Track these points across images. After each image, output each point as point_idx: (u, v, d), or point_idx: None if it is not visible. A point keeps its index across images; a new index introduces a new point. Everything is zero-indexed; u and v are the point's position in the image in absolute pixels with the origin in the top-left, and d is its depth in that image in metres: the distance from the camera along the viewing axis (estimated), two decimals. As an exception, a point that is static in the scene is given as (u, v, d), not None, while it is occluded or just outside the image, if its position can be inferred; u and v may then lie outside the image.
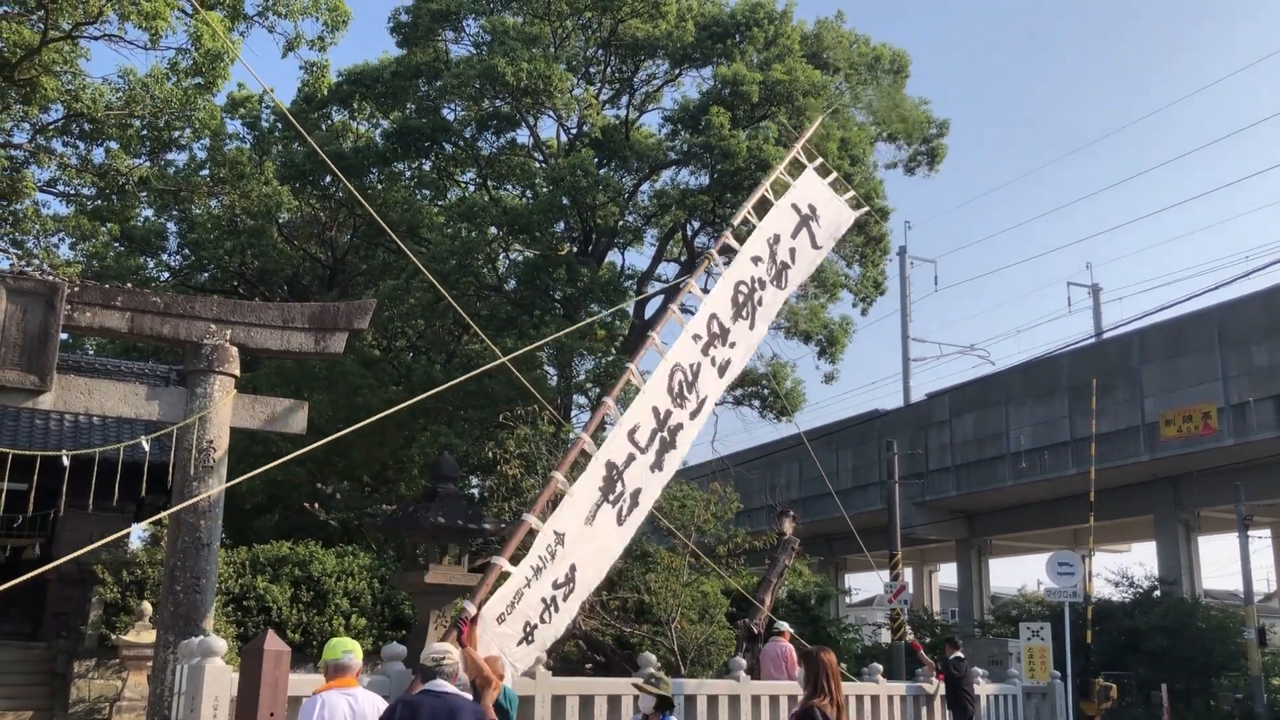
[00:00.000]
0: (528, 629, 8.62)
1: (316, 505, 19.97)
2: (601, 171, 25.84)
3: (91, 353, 29.49)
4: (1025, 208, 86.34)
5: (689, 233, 28.08)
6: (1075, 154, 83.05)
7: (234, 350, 10.73)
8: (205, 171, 26.94)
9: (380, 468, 25.11)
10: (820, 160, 12.85)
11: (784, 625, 14.33)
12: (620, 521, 9.52)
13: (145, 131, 21.98)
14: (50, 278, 10.27)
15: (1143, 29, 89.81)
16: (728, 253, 12.64)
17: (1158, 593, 28.45)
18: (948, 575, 48.26)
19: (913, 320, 45.73)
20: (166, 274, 31.96)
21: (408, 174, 30.30)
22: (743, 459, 34.61)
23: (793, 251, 11.87)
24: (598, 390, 26.52)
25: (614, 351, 26.49)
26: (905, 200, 78.60)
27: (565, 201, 25.19)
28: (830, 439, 38.74)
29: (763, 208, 11.93)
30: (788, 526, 17.12)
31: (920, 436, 36.32)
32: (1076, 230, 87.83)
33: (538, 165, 29.09)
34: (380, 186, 28.46)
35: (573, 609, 9.14)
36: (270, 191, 26.93)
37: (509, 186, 30.51)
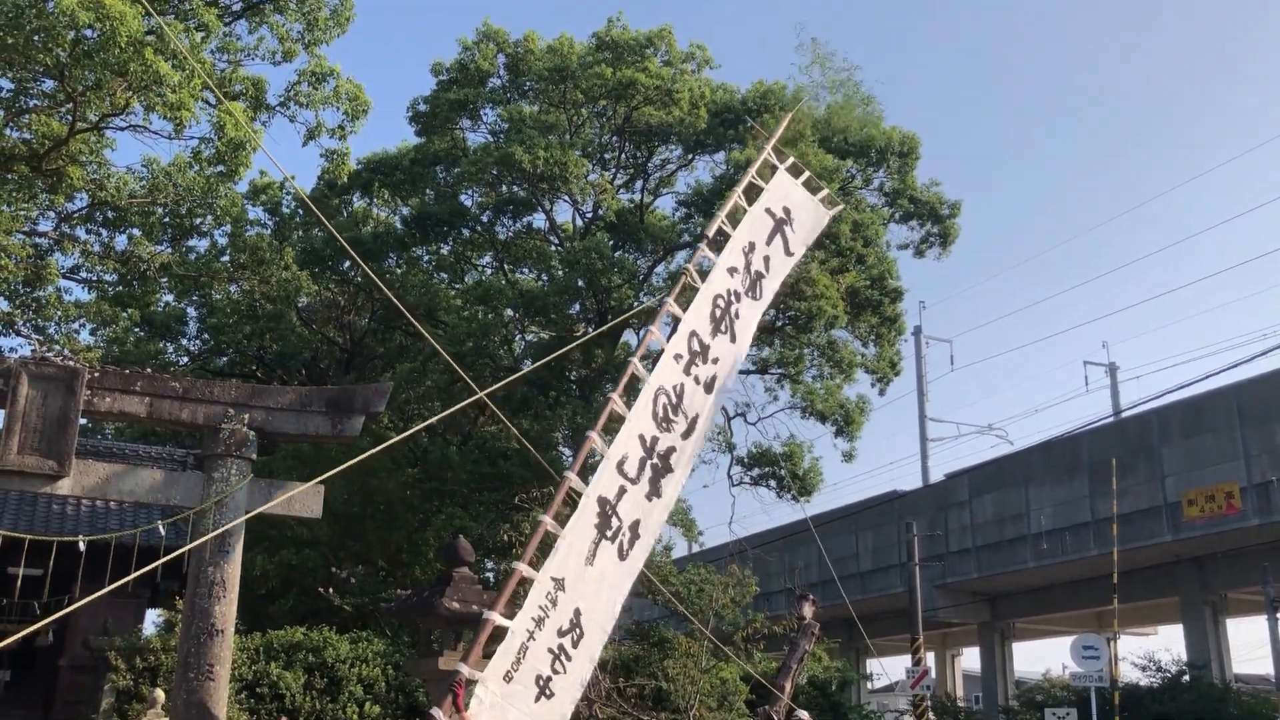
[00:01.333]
0: (541, 682, 8.38)
1: (331, 590, 19.84)
2: (616, 254, 26.09)
3: (110, 436, 29.64)
4: (1040, 287, 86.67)
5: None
6: (1089, 233, 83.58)
7: (251, 435, 10.79)
8: (226, 257, 27.31)
9: (395, 551, 24.98)
10: (792, 160, 12.52)
11: (804, 714, 14.07)
12: (623, 556, 9.30)
13: (167, 219, 22.34)
14: (71, 363, 10.38)
15: (1152, 108, 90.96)
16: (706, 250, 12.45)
17: (1186, 677, 27.83)
18: (971, 659, 47.40)
19: (930, 400, 45.67)
20: (186, 358, 32.22)
21: (426, 258, 30.64)
22: (761, 541, 34.27)
23: (766, 260, 11.60)
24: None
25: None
26: (919, 280, 79.19)
27: (581, 284, 25.40)
28: (849, 520, 38.40)
29: (734, 217, 11.66)
30: (807, 611, 16.86)
31: (940, 517, 35.96)
32: (1092, 309, 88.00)
33: (554, 248, 29.39)
34: (399, 271, 28.76)
35: (590, 654, 8.89)
36: (290, 276, 27.25)
37: (525, 269, 30.81)
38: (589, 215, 29.53)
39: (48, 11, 15.55)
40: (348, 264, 27.04)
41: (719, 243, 11.38)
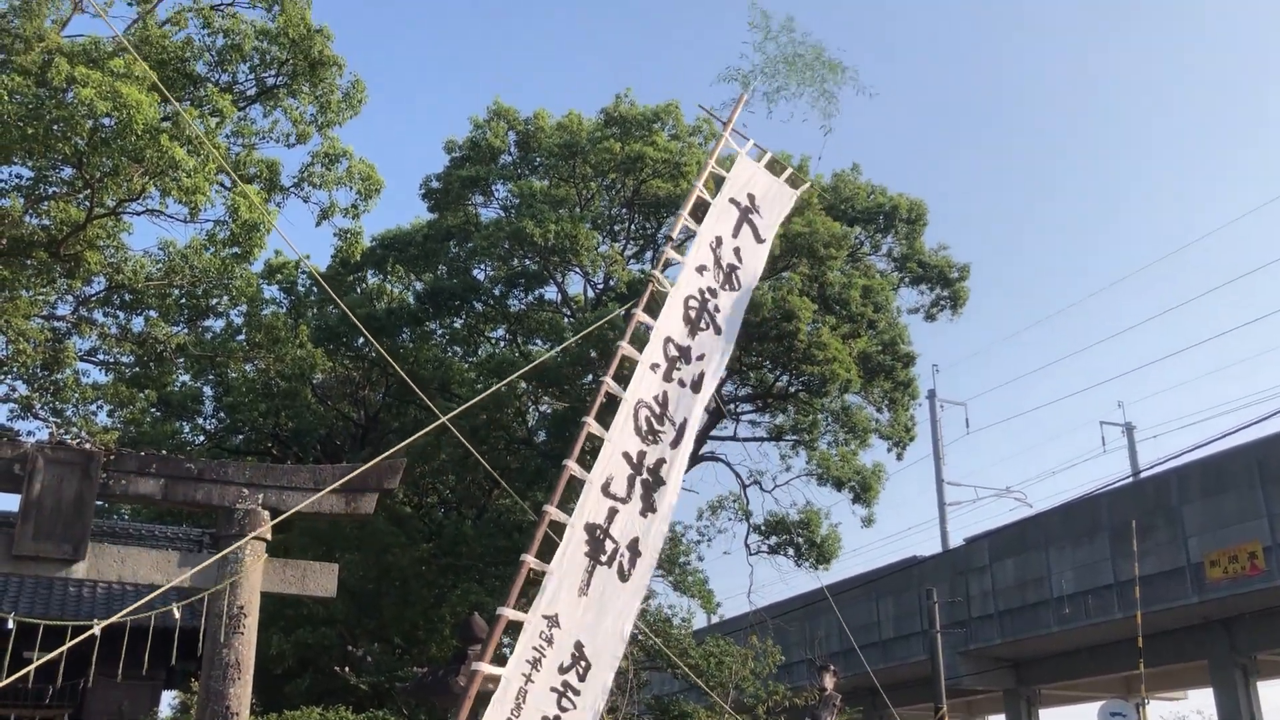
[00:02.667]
0: None
1: (347, 669, 19.69)
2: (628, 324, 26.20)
3: (126, 517, 29.66)
4: (1053, 348, 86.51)
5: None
6: (1103, 292, 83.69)
7: (266, 514, 10.82)
8: (241, 337, 27.54)
9: (411, 628, 24.81)
10: (751, 143, 12.02)
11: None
12: (625, 577, 9.00)
13: (184, 300, 22.61)
14: (87, 446, 10.47)
15: (1168, 163, 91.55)
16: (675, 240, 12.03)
17: (1219, 743, 27.29)
18: (998, 728, 46.49)
19: (946, 464, 45.42)
20: (202, 437, 32.34)
21: (439, 332, 30.84)
22: (780, 610, 33.94)
23: (737, 251, 11.21)
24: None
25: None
26: (932, 343, 79.15)
27: (594, 354, 25.52)
28: (869, 587, 38.00)
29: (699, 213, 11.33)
30: (829, 681, 16.68)
31: (961, 582, 35.57)
32: (1106, 369, 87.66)
33: (566, 320, 29.58)
34: (412, 345, 28.94)
35: (601, 682, 8.58)
36: (305, 354, 27.44)
37: (538, 341, 30.96)
38: (600, 286, 29.75)
39: (67, 102, 15.92)
40: (362, 340, 27.24)
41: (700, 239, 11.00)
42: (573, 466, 9.29)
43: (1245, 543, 27.53)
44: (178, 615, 10.17)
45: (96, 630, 9.92)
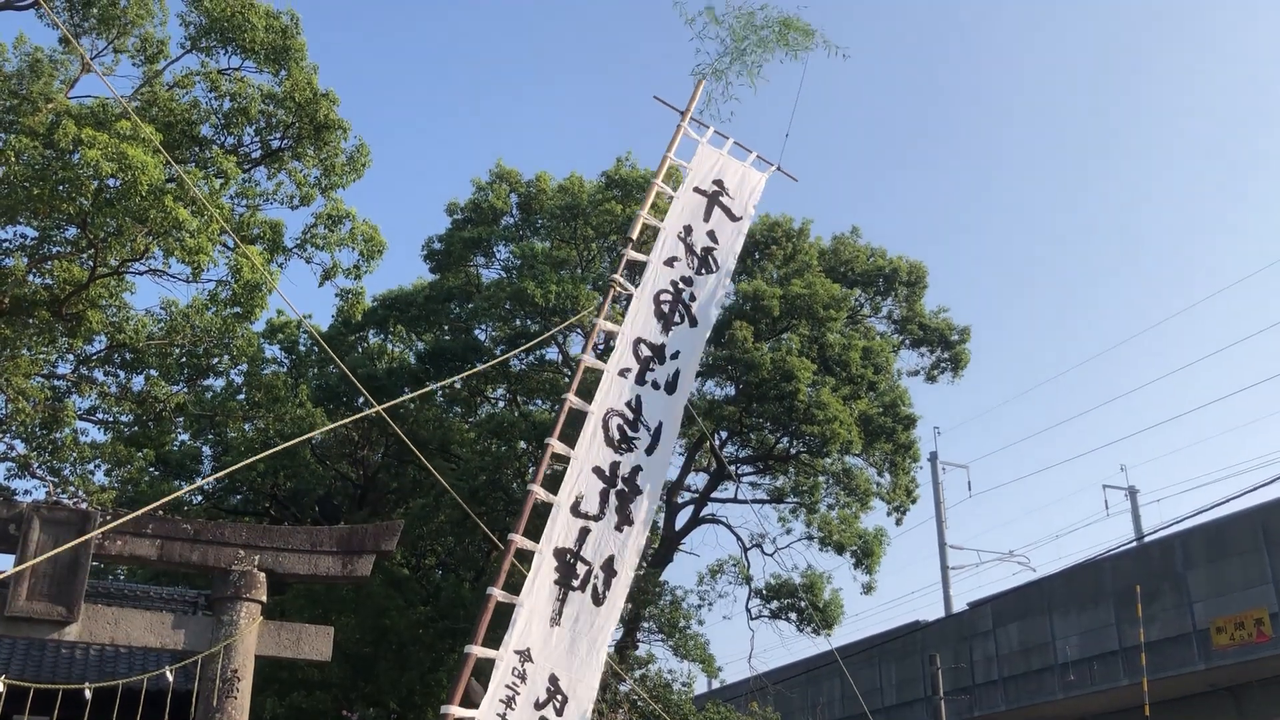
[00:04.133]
0: None
1: (342, 734, 19.40)
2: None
3: (122, 577, 29.40)
4: (1056, 410, 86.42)
5: (717, 442, 28.17)
6: (1105, 354, 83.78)
7: (261, 576, 10.73)
8: (241, 396, 27.50)
9: (407, 693, 24.46)
10: (712, 130, 11.62)
11: None
12: (600, 600, 8.78)
13: (184, 359, 22.60)
14: (83, 507, 10.41)
15: (1165, 226, 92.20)
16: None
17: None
18: (1003, 797, 45.59)
19: (949, 527, 45.06)
20: (200, 497, 32.16)
21: (440, 393, 30.82)
22: (782, 676, 33.52)
23: (712, 234, 10.84)
24: (630, 605, 26.04)
25: (644, 564, 26.15)
26: (933, 406, 79.07)
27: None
28: (872, 652, 37.56)
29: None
30: (829, 749, 16.41)
31: (964, 648, 35.17)
32: (1110, 432, 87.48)
33: (566, 380, 29.57)
34: (412, 406, 28.89)
35: (581, 712, 8.37)
36: (304, 414, 27.36)
37: (539, 401, 30.92)
38: (600, 347, 29.79)
39: (73, 163, 16.05)
40: (362, 400, 27.20)
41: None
42: (537, 490, 9.14)
43: (1251, 609, 27.26)
44: (170, 678, 10.04)
45: (88, 694, 9.81)
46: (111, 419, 24.55)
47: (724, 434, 27.70)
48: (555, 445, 9.43)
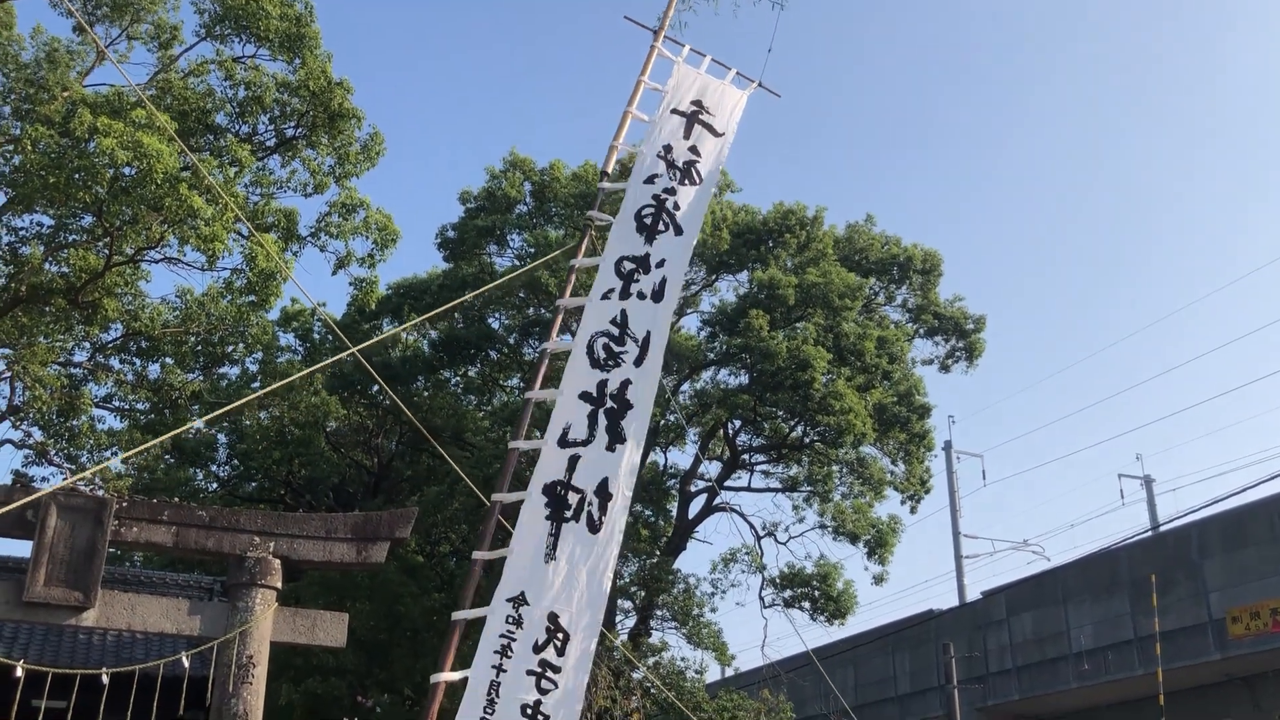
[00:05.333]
0: (529, 711, 7.75)
1: (356, 720, 19.53)
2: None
3: (138, 564, 29.62)
4: (1071, 399, 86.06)
5: (730, 431, 28.16)
6: (1122, 342, 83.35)
7: (277, 563, 10.78)
8: (256, 384, 27.63)
9: (421, 679, 24.56)
10: (688, 47, 11.06)
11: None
12: (596, 527, 8.42)
13: (200, 347, 22.73)
14: (100, 494, 10.48)
15: (1187, 212, 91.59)
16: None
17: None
18: (1017, 786, 45.58)
19: (963, 516, 44.97)
20: (215, 484, 32.34)
21: (454, 381, 30.88)
22: (795, 664, 33.58)
23: (693, 148, 10.39)
24: (643, 592, 26.09)
25: (658, 552, 26.19)
26: (948, 394, 78.82)
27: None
28: (884, 641, 37.55)
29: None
30: (842, 737, 16.42)
31: (978, 637, 35.11)
32: (1125, 421, 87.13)
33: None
34: (426, 394, 28.96)
35: (582, 656, 8.09)
36: (319, 402, 27.49)
37: (554, 389, 30.96)
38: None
39: (88, 151, 16.12)
40: (376, 388, 27.29)
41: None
42: (520, 444, 8.92)
43: (1268, 599, 27.13)
44: (186, 664, 10.11)
45: (105, 679, 9.89)
46: (128, 407, 24.72)
47: (738, 422, 27.69)
48: (537, 394, 9.28)
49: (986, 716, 35.27)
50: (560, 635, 8.01)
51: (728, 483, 28.44)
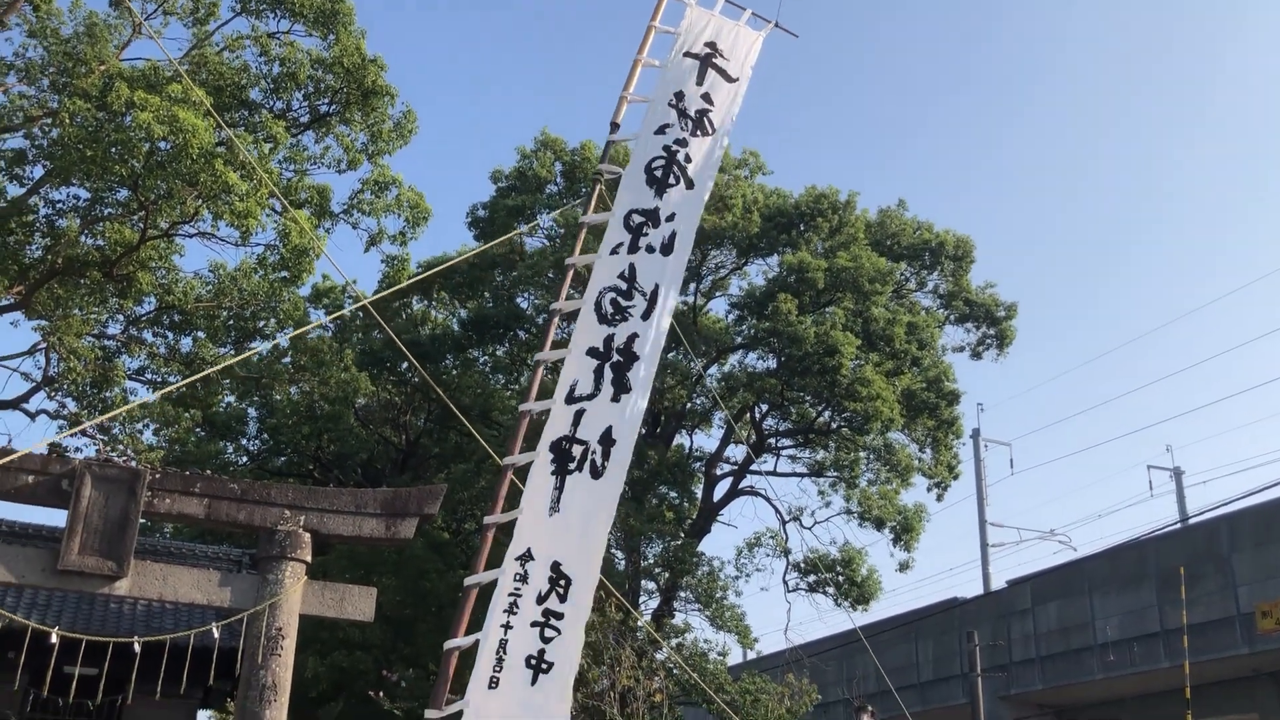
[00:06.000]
0: (532, 662, 7.94)
1: (381, 694, 19.69)
2: (670, 355, 26.19)
3: (169, 535, 29.97)
4: (1101, 389, 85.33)
5: (758, 414, 28.12)
6: (1150, 334, 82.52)
7: (306, 536, 10.86)
8: (287, 359, 27.83)
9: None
10: None
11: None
12: (599, 473, 8.56)
13: (232, 322, 22.91)
14: (133, 465, 10.59)
15: (1202, 211, 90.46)
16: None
17: (1269, 800, 26.52)
18: (1038, 776, 45.48)
19: (989, 504, 44.69)
20: (245, 458, 32.64)
21: (483, 360, 31.00)
22: (818, 649, 33.55)
23: (706, 96, 10.17)
24: (667, 574, 26.15)
25: (682, 535, 26.22)
26: (977, 382, 78.26)
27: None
28: (908, 628, 37.48)
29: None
30: (865, 722, 16.44)
31: (1002, 626, 34.98)
32: (1156, 411, 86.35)
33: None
34: (455, 372, 29.09)
35: (583, 600, 8.25)
36: (349, 378, 27.68)
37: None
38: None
39: (125, 125, 16.24)
40: (405, 365, 27.44)
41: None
42: (531, 406, 9.02)
43: (1298, 594, 26.88)
44: (217, 635, 10.23)
45: (137, 647, 10.02)
46: (160, 379, 24.96)
47: (764, 406, 27.64)
48: (547, 356, 9.31)
49: (1009, 705, 35.18)
50: (563, 582, 8.17)
51: (753, 467, 28.44)
